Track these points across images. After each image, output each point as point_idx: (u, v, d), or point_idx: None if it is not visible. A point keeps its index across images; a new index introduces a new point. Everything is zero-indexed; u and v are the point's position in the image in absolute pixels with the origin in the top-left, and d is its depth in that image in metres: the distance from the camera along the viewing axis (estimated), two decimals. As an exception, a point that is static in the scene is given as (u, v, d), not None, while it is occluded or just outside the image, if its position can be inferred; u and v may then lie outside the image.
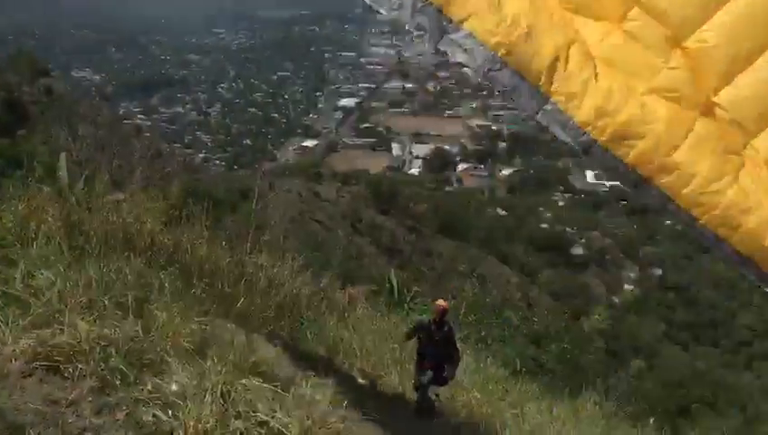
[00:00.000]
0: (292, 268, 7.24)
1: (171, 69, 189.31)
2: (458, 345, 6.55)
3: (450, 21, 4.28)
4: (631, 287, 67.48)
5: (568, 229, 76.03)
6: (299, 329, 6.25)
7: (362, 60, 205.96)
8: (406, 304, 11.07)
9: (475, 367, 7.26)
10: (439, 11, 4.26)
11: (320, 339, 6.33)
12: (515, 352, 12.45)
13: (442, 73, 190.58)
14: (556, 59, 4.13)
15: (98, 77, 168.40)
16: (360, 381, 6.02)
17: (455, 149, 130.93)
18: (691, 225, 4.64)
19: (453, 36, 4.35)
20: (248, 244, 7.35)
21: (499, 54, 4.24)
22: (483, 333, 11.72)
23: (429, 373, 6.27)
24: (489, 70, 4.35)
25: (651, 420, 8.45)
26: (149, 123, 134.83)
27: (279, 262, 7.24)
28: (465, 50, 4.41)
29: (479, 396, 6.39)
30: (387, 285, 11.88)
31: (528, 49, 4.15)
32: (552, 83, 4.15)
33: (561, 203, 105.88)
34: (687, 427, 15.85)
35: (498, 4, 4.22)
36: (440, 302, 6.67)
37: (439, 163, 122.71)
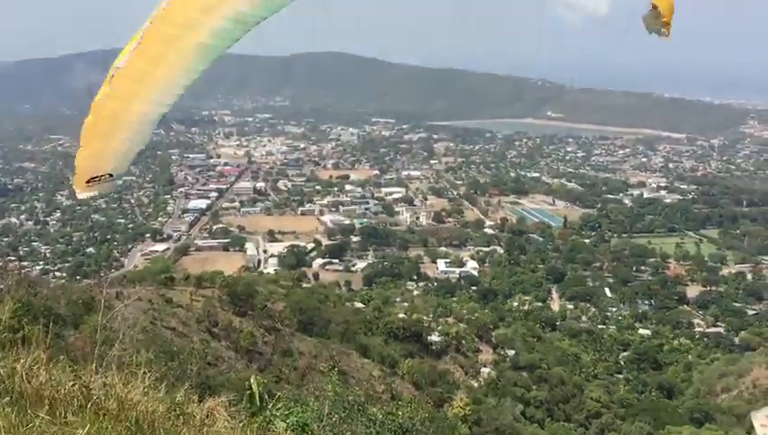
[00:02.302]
0: (144, 384, 6.77)
1: (3, 177, 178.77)
2: None
3: None
4: (488, 370, 69.42)
5: (424, 317, 77.65)
6: (154, 451, 5.83)
7: (211, 161, 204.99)
8: (268, 411, 10.64)
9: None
10: None
11: (177, 460, 5.93)
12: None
13: (292, 172, 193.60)
14: None
15: None
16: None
17: (309, 246, 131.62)
18: None
19: None
20: (94, 362, 6.84)
21: None
22: (348, 434, 11.52)
23: None
24: None
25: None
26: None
27: (130, 379, 6.76)
28: None
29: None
30: (247, 391, 11.38)
31: None
32: None
33: (415, 292, 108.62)
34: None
35: None
36: None
37: (295, 260, 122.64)
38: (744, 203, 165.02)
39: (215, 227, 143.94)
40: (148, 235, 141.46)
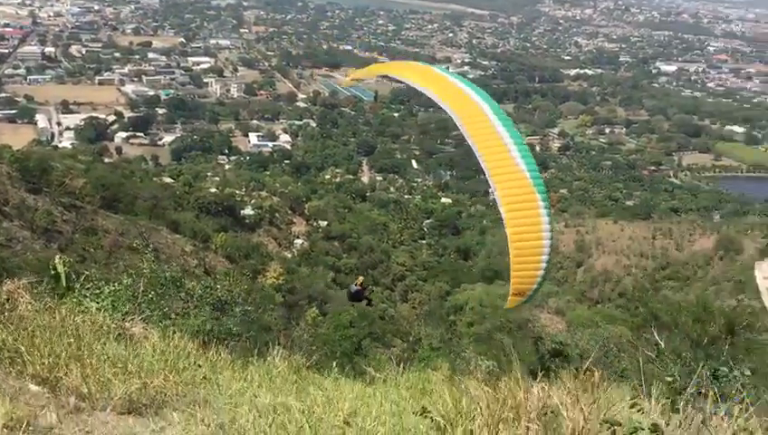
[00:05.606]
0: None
1: None
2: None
3: None
4: (301, 241, 71.12)
5: (237, 191, 76.89)
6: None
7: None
8: (77, 291, 10.06)
9: (163, 346, 6.96)
10: None
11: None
12: (201, 323, 12.32)
13: (86, 36, 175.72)
14: None
15: None
16: (34, 388, 5.36)
17: (110, 118, 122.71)
18: None
19: None
20: None
21: None
22: (166, 309, 11.34)
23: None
24: None
25: (334, 364, 9.01)
26: None
27: None
28: None
29: (171, 377, 6.14)
30: (51, 273, 10.64)
31: None
32: None
33: (227, 166, 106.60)
34: (364, 362, 17.40)
35: None
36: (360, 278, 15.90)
37: (94, 133, 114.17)
38: (536, 79, 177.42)
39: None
40: None
